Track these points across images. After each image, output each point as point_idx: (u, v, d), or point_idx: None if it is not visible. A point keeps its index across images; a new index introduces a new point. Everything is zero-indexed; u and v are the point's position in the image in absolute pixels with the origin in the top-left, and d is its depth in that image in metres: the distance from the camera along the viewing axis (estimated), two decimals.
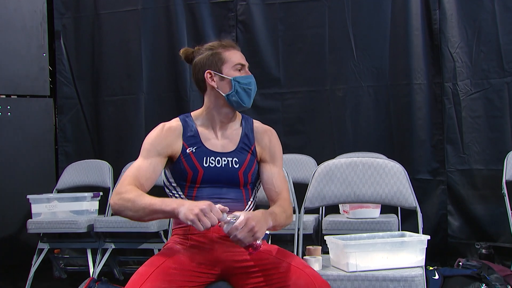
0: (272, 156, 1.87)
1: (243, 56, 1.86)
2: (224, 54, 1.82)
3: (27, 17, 4.37)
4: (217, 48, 1.83)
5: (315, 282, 1.57)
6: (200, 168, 1.75)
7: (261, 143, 1.86)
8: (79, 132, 4.42)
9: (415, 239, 1.95)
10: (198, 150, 1.78)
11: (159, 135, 1.80)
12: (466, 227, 3.60)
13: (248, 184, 1.81)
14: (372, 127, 3.82)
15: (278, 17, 4.00)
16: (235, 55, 1.83)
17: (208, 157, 1.77)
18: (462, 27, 3.60)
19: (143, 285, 1.52)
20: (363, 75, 3.82)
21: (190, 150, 1.78)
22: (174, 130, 1.81)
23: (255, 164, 1.84)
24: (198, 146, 1.79)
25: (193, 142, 1.80)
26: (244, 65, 1.85)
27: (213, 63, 1.82)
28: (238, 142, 1.83)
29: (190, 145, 1.79)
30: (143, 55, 4.24)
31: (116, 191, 1.70)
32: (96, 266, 3.48)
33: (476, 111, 3.59)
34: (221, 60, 1.82)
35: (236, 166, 1.78)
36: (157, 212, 1.61)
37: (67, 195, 3.71)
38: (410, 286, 1.77)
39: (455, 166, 3.63)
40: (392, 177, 2.22)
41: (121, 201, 1.66)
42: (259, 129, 1.89)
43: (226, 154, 1.80)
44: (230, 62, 1.82)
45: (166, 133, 1.80)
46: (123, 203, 1.66)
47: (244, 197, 1.80)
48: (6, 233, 4.16)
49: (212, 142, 1.81)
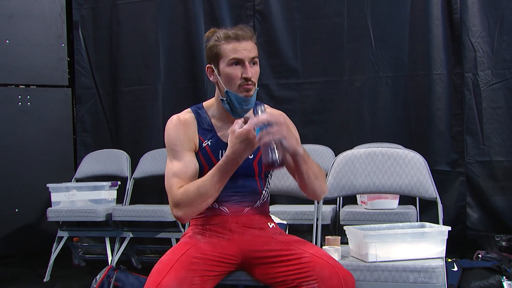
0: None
1: (247, 47, 1.68)
2: (222, 47, 1.68)
3: (46, 7, 4.41)
4: (220, 40, 1.69)
5: (339, 273, 1.56)
6: (216, 162, 1.70)
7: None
8: (97, 122, 4.46)
9: (435, 230, 1.93)
10: (213, 143, 1.75)
11: (178, 131, 1.73)
12: (485, 219, 3.56)
13: (263, 173, 1.80)
14: (390, 117, 3.79)
15: (295, 7, 3.97)
16: (232, 48, 1.67)
17: (223, 150, 1.73)
18: (484, 16, 3.53)
19: (167, 274, 1.52)
20: (381, 65, 3.78)
21: (206, 143, 1.75)
22: (191, 124, 1.76)
23: None
24: (213, 139, 1.75)
25: (208, 135, 1.76)
26: (241, 59, 1.67)
27: (212, 57, 1.72)
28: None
29: (205, 138, 1.75)
30: (160, 45, 4.25)
31: (172, 201, 1.64)
32: (114, 255, 3.52)
33: (497, 101, 3.53)
34: (219, 55, 1.69)
35: (251, 157, 1.74)
36: (220, 181, 1.62)
37: (85, 184, 3.75)
38: (431, 277, 1.75)
39: (474, 158, 3.58)
40: (412, 168, 2.20)
41: (186, 203, 1.61)
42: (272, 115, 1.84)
43: None
44: (226, 57, 1.67)
45: (184, 127, 1.74)
46: (190, 202, 1.61)
47: (259, 188, 1.79)
48: (27, 221, 4.23)
49: (226, 133, 1.75)
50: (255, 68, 1.71)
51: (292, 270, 1.61)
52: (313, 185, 1.70)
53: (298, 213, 3.07)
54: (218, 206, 1.74)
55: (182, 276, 1.53)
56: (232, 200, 1.75)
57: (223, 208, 1.74)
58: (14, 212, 4.19)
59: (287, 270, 1.62)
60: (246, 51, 1.67)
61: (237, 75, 1.67)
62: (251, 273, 1.72)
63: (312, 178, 1.68)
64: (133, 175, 3.84)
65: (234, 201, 1.75)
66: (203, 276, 1.59)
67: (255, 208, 1.78)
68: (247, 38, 1.68)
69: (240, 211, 1.75)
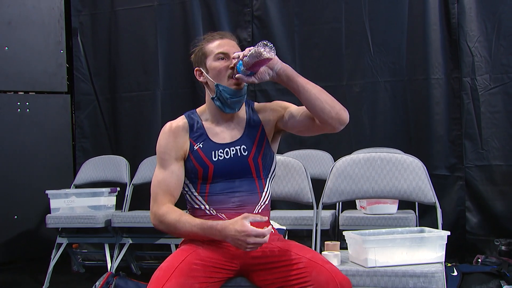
0: (282, 107, 1.83)
1: (230, 43, 1.76)
2: (207, 46, 1.78)
3: (45, 14, 4.42)
4: (204, 41, 1.80)
5: (335, 278, 1.56)
6: (209, 164, 1.73)
7: (266, 116, 1.83)
8: (96, 128, 4.46)
9: (434, 235, 1.93)
10: (205, 146, 1.76)
11: (168, 140, 1.77)
12: (484, 223, 3.56)
13: (260, 171, 1.78)
14: (389, 122, 3.80)
15: (294, 12, 3.98)
16: (217, 44, 1.76)
17: (216, 150, 1.75)
18: (481, 21, 3.55)
19: (168, 280, 1.52)
20: (380, 70, 3.80)
21: (198, 146, 1.76)
22: (181, 130, 1.79)
23: (265, 144, 1.80)
24: (205, 141, 1.77)
25: (200, 138, 1.78)
26: (227, 53, 1.74)
27: (198, 60, 1.80)
28: (244, 127, 1.80)
29: (197, 142, 1.77)
30: (159, 51, 4.26)
31: (154, 213, 1.73)
32: (114, 261, 3.51)
33: (495, 106, 3.54)
34: (205, 54, 1.78)
35: (245, 154, 1.75)
36: (201, 238, 1.68)
37: (85, 190, 3.75)
38: (430, 282, 1.75)
39: (473, 162, 3.59)
40: (411, 173, 2.20)
41: (162, 225, 1.71)
42: (259, 106, 1.87)
43: (234, 143, 1.77)
44: (211, 53, 1.76)
45: (174, 134, 1.78)
46: (166, 228, 1.71)
47: (258, 188, 1.77)
48: (26, 227, 4.22)
49: (219, 135, 1.78)
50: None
51: (290, 276, 1.61)
52: (325, 100, 1.69)
53: (297, 218, 3.07)
54: (216, 213, 1.74)
55: (182, 282, 1.53)
56: (230, 204, 1.73)
57: (221, 216, 1.73)
58: (13, 218, 4.19)
59: (285, 276, 1.62)
60: (230, 46, 1.76)
61: (225, 66, 1.74)
62: (250, 279, 1.72)
63: (318, 93, 1.69)
64: (132, 181, 3.84)
65: (233, 205, 1.74)
66: (202, 283, 1.59)
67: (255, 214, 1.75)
68: (229, 37, 1.79)
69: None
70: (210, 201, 1.74)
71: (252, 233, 1.53)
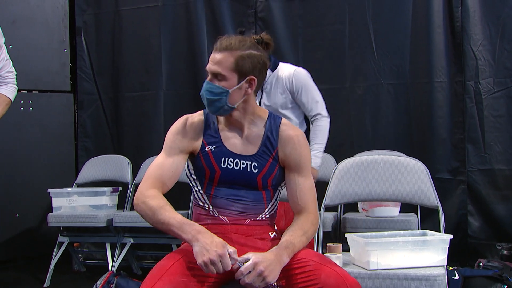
0: (297, 165, 1.74)
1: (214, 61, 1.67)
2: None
3: (49, 13, 4.42)
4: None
5: (346, 281, 1.51)
6: (217, 169, 1.71)
7: (285, 149, 1.74)
8: (98, 127, 4.46)
9: (437, 238, 1.93)
10: (217, 150, 1.73)
11: (181, 131, 1.76)
12: (486, 227, 3.55)
13: (269, 186, 1.74)
14: (391, 125, 3.79)
15: (298, 14, 3.98)
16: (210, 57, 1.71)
17: (226, 158, 1.71)
18: (485, 25, 3.54)
19: (161, 278, 1.51)
20: (383, 72, 3.79)
21: (209, 148, 1.73)
22: (196, 127, 1.77)
23: (277, 169, 1.73)
24: (217, 145, 1.74)
25: (213, 141, 1.74)
26: (207, 71, 1.70)
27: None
28: (260, 146, 1.73)
29: (209, 144, 1.74)
30: (162, 51, 4.26)
31: (140, 191, 1.69)
32: (115, 260, 3.51)
33: (499, 110, 3.53)
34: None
35: (255, 171, 1.71)
36: (172, 233, 1.62)
37: (87, 189, 3.75)
38: (432, 285, 1.75)
39: (476, 166, 3.58)
40: (414, 176, 2.20)
41: (143, 205, 1.66)
42: (284, 133, 1.75)
43: (246, 158, 1.72)
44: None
45: (189, 129, 1.76)
46: (145, 210, 1.66)
47: (264, 199, 1.74)
48: (27, 226, 4.22)
49: (232, 141, 1.74)
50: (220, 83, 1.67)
51: (295, 280, 1.58)
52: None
53: None
54: (219, 214, 1.72)
55: (176, 280, 1.52)
56: (234, 208, 1.71)
57: (223, 218, 1.71)
58: (15, 216, 4.19)
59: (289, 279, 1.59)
60: (211, 63, 1.68)
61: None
62: None
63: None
64: (134, 181, 3.84)
65: (236, 210, 1.71)
66: (201, 282, 1.57)
67: (258, 220, 1.74)
68: (222, 49, 1.67)
69: (241, 220, 1.72)
70: (214, 202, 1.73)
71: (223, 257, 1.48)
